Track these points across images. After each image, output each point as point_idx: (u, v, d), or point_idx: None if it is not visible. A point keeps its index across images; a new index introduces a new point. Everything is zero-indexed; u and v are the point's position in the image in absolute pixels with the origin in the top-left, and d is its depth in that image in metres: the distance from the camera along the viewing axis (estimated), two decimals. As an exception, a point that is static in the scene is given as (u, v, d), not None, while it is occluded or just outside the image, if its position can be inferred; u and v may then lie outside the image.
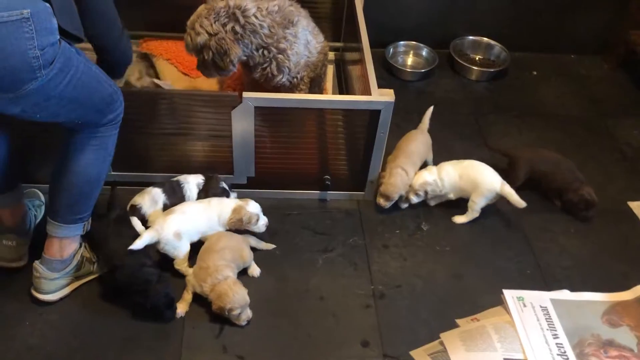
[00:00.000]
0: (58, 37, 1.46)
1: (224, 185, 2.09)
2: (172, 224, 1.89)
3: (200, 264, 1.87)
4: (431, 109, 2.40)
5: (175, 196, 2.05)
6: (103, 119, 1.71)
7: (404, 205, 2.24)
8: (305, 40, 2.15)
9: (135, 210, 2.00)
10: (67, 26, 1.49)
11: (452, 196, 2.23)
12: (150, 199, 2.02)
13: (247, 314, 1.82)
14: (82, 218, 1.82)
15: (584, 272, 2.08)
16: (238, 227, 1.98)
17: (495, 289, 1.94)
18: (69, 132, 1.71)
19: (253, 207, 2.00)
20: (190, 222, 1.93)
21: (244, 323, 1.82)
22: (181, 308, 1.84)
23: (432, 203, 2.26)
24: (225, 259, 1.87)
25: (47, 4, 1.42)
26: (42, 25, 1.40)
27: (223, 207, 1.98)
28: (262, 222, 2.02)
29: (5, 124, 1.76)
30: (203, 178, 2.10)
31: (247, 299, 1.81)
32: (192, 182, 2.08)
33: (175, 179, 2.09)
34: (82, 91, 1.59)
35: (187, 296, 1.87)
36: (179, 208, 1.96)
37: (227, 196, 2.08)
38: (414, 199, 2.21)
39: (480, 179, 2.17)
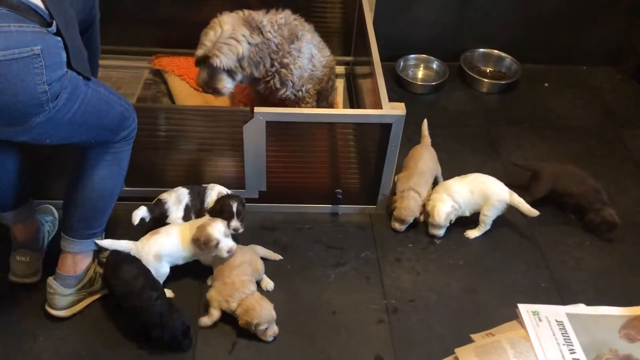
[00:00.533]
0: (65, 69, 1.46)
1: (234, 208, 1.97)
2: (154, 245, 1.88)
3: (223, 279, 1.85)
4: (425, 121, 2.39)
5: (198, 200, 2.05)
6: (116, 137, 1.72)
7: (437, 239, 2.19)
8: (310, 54, 2.17)
9: (160, 205, 2.02)
10: (79, 68, 1.51)
11: (467, 213, 2.20)
12: (176, 197, 2.03)
13: (274, 329, 1.81)
14: (96, 233, 1.84)
15: (600, 285, 2.05)
16: (198, 247, 1.87)
17: (510, 303, 1.91)
18: (83, 148, 1.73)
19: (215, 230, 1.84)
20: (173, 245, 1.90)
21: (270, 339, 1.81)
22: (205, 320, 1.84)
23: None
24: (247, 274, 1.87)
25: (59, 38, 1.43)
26: (52, 60, 1.40)
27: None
28: (225, 249, 1.85)
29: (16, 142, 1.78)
30: (227, 192, 2.07)
31: (274, 314, 1.80)
32: (214, 192, 2.06)
33: (204, 185, 2.09)
34: (91, 115, 1.59)
35: (215, 313, 1.83)
36: (165, 229, 1.94)
37: (230, 218, 1.96)
38: (441, 233, 2.16)
39: (489, 191, 2.16)
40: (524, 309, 1.66)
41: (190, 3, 2.62)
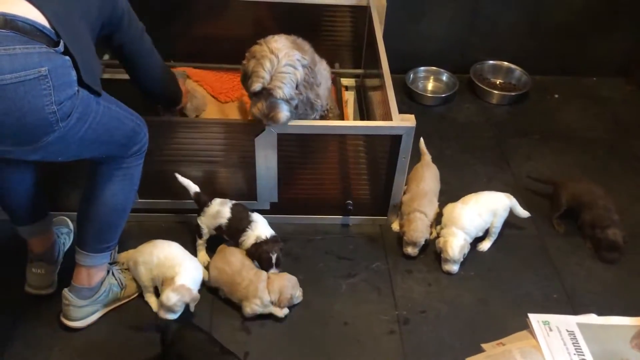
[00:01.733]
0: (76, 88, 1.45)
1: (274, 259, 1.96)
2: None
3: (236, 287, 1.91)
4: (422, 139, 2.39)
5: (235, 228, 2.03)
6: (128, 152, 1.73)
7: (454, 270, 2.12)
8: (325, 73, 2.15)
9: (201, 196, 2.07)
10: (90, 82, 1.49)
11: (480, 234, 2.18)
12: (217, 212, 2.04)
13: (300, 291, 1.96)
14: (110, 247, 1.86)
15: (612, 296, 2.04)
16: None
17: (522, 314, 1.91)
18: (95, 163, 1.74)
19: (169, 299, 1.78)
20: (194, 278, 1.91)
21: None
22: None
23: None
24: (252, 266, 1.96)
25: (67, 57, 1.42)
26: (60, 80, 1.39)
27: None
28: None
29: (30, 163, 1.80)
30: (266, 236, 1.99)
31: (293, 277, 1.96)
32: (252, 234, 2.00)
33: (250, 213, 2.05)
34: (102, 133, 1.59)
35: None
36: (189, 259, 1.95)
37: (268, 268, 1.96)
38: (456, 268, 2.10)
39: (495, 206, 2.16)
40: (535, 318, 1.66)
41: (205, 18, 2.67)
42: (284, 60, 1.80)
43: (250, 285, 1.89)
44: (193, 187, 2.08)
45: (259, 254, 1.96)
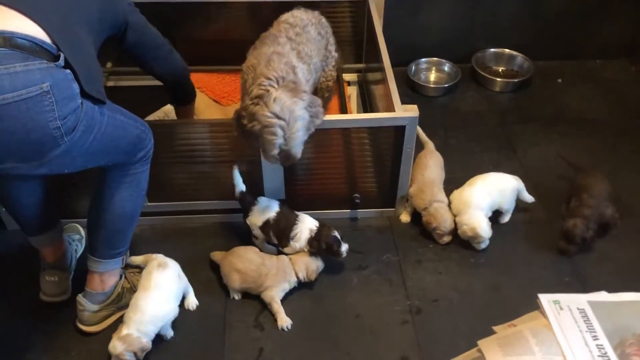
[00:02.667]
0: (80, 101, 1.45)
1: (336, 233, 2.03)
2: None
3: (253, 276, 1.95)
4: (418, 128, 2.31)
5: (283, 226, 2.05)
6: (133, 158, 1.73)
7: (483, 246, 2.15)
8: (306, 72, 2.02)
9: (246, 196, 2.09)
10: (93, 91, 1.49)
11: (489, 215, 2.19)
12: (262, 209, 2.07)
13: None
14: (121, 252, 1.87)
15: (625, 277, 2.04)
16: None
17: (534, 298, 1.87)
18: (102, 170, 1.75)
19: (115, 347, 1.72)
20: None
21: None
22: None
23: None
24: (269, 255, 2.03)
25: (68, 71, 1.41)
26: (63, 94, 1.38)
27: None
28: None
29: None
30: (315, 225, 2.04)
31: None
32: (305, 227, 2.04)
33: (296, 213, 2.08)
34: (108, 143, 1.60)
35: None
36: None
37: (338, 246, 2.02)
38: (484, 244, 2.13)
39: (503, 185, 2.19)
40: (545, 298, 1.65)
41: (206, 21, 2.69)
42: (293, 121, 1.72)
43: (279, 273, 1.94)
44: (240, 186, 2.08)
45: (325, 239, 2.00)
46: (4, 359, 1.83)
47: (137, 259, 2.02)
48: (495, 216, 2.22)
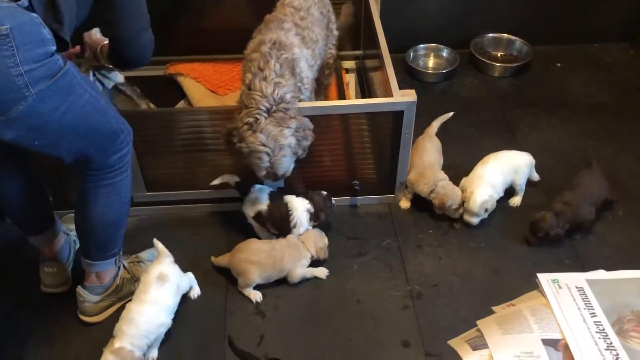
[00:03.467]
0: (52, 49, 1.35)
1: (324, 193, 2.11)
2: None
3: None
4: (443, 117, 2.41)
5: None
6: (108, 159, 1.63)
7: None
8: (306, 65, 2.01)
9: (240, 185, 2.10)
10: (48, 20, 1.35)
11: (502, 194, 2.19)
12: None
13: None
14: (114, 254, 1.84)
15: (624, 260, 2.02)
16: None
17: (534, 281, 1.90)
18: (79, 178, 1.67)
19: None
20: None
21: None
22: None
23: None
24: (278, 239, 2.05)
25: (35, 14, 1.31)
26: (27, 39, 1.28)
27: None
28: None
29: (26, 165, 1.78)
30: (309, 202, 2.08)
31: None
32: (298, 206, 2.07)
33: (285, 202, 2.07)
34: (83, 122, 1.50)
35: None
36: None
37: (331, 203, 2.10)
38: (476, 220, 2.14)
39: (516, 162, 2.20)
40: (544, 277, 1.66)
41: (202, 10, 2.67)
42: (277, 149, 1.82)
43: (293, 251, 1.96)
44: (232, 179, 2.09)
45: (325, 209, 2.07)
46: (5, 350, 1.83)
47: (145, 255, 2.04)
48: (507, 197, 2.23)
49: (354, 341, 1.83)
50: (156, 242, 1.92)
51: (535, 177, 2.29)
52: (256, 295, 1.95)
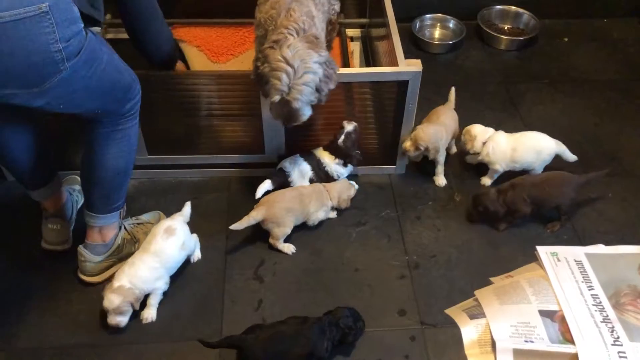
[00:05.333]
0: (82, 25, 1.42)
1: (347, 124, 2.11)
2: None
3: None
4: (453, 88, 2.37)
5: (321, 172, 2.13)
6: (122, 109, 1.70)
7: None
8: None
9: (282, 175, 2.09)
10: (84, 7, 1.44)
11: (501, 169, 2.19)
12: (299, 172, 2.10)
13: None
14: (118, 206, 1.87)
15: (624, 236, 2.03)
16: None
17: (532, 255, 1.92)
18: (90, 126, 1.71)
19: (111, 302, 1.74)
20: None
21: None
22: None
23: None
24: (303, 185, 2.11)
25: None
26: (63, 16, 1.35)
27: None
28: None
29: (34, 120, 1.79)
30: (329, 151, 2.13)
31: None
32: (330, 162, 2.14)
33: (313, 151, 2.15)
34: (105, 82, 1.58)
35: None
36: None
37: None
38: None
39: (540, 146, 2.16)
40: (543, 250, 1.67)
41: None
42: (301, 70, 1.70)
43: (318, 197, 2.03)
44: (269, 185, 2.06)
45: (351, 138, 2.09)
46: (5, 308, 1.85)
47: (146, 217, 2.04)
48: (513, 174, 2.19)
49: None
50: (187, 205, 1.94)
51: (572, 158, 2.19)
52: (290, 247, 2.00)
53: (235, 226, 1.91)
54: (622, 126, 2.48)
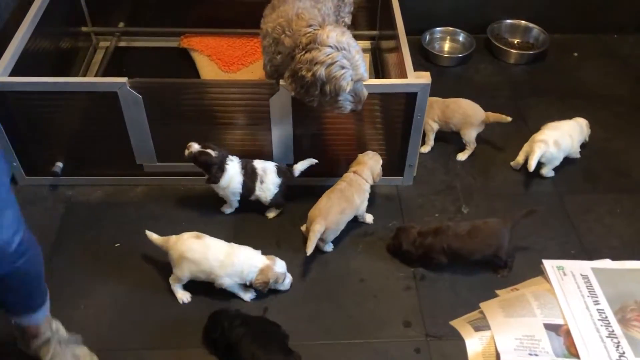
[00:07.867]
0: None
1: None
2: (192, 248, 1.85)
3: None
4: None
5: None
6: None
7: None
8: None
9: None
10: None
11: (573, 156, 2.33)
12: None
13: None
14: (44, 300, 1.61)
15: (632, 251, 2.03)
16: (263, 289, 1.86)
17: (538, 268, 1.92)
18: None
19: (280, 267, 1.87)
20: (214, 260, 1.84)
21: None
22: None
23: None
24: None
25: None
26: None
27: (250, 263, 1.85)
28: (288, 280, 1.91)
29: None
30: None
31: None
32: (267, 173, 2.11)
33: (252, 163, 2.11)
34: None
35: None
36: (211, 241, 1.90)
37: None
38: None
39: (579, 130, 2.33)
40: (549, 264, 1.67)
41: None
42: (352, 49, 1.74)
43: (357, 187, 2.03)
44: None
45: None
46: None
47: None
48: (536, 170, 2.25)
49: (356, 318, 1.85)
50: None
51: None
52: (331, 245, 2.04)
53: (309, 250, 1.89)
54: (632, 142, 2.48)
